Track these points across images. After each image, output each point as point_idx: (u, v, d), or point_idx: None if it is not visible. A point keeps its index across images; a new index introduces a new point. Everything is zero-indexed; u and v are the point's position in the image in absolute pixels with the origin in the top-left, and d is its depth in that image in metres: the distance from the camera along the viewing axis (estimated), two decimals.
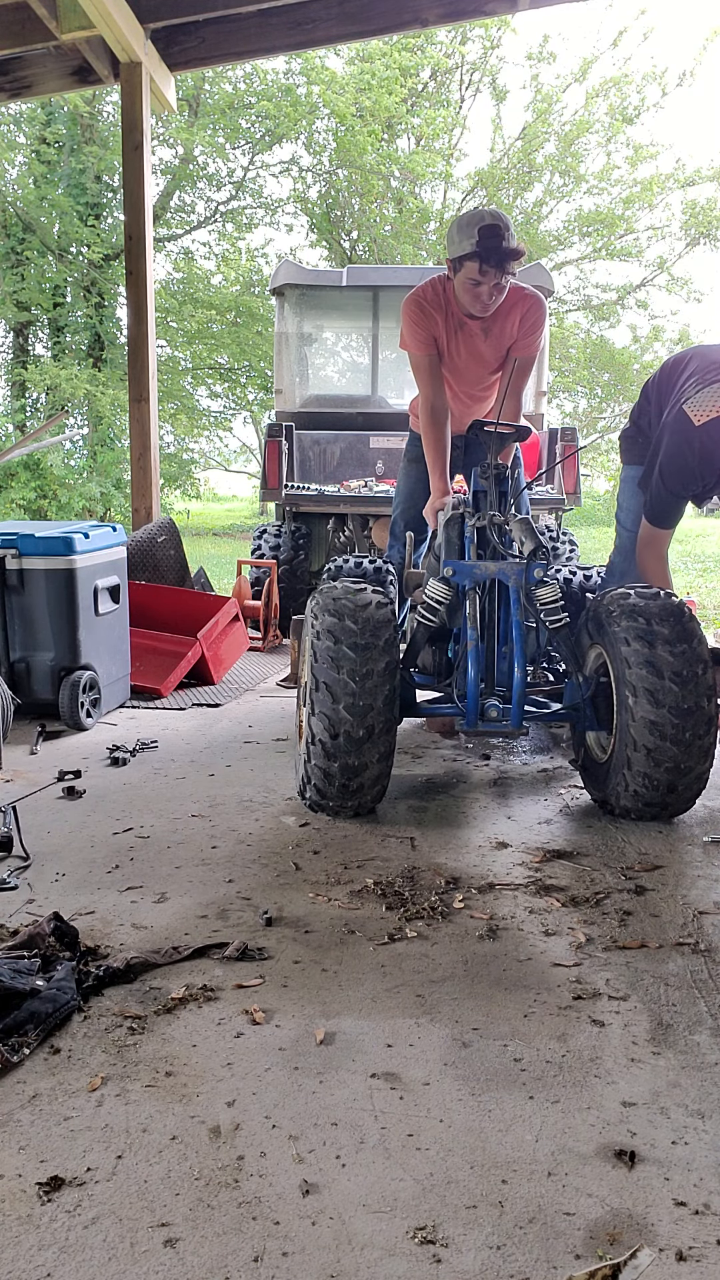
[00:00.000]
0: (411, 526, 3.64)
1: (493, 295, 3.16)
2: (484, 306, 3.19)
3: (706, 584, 8.13)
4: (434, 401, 3.38)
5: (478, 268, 3.06)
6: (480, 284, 3.12)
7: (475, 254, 3.04)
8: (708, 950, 1.85)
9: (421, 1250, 1.14)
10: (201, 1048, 1.53)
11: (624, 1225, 1.17)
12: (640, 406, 3.44)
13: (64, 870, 2.21)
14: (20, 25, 5.17)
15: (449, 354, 3.37)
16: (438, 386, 3.36)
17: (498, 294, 3.18)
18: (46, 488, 12.92)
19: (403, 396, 7.10)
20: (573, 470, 5.62)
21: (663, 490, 3.09)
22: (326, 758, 2.41)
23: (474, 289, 3.15)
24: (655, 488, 3.12)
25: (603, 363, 16.38)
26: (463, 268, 3.11)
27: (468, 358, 3.37)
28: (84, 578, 3.39)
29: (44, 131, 13.81)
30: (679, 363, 3.27)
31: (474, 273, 3.09)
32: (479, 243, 3.04)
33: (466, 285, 3.14)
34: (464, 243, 3.07)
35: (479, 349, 3.35)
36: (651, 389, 3.36)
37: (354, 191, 15.94)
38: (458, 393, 3.46)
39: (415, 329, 3.34)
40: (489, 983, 1.73)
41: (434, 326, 3.32)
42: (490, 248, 3.03)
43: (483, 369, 3.41)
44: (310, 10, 5.24)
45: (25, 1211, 1.20)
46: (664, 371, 3.33)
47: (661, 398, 3.27)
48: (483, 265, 3.05)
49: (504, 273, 3.11)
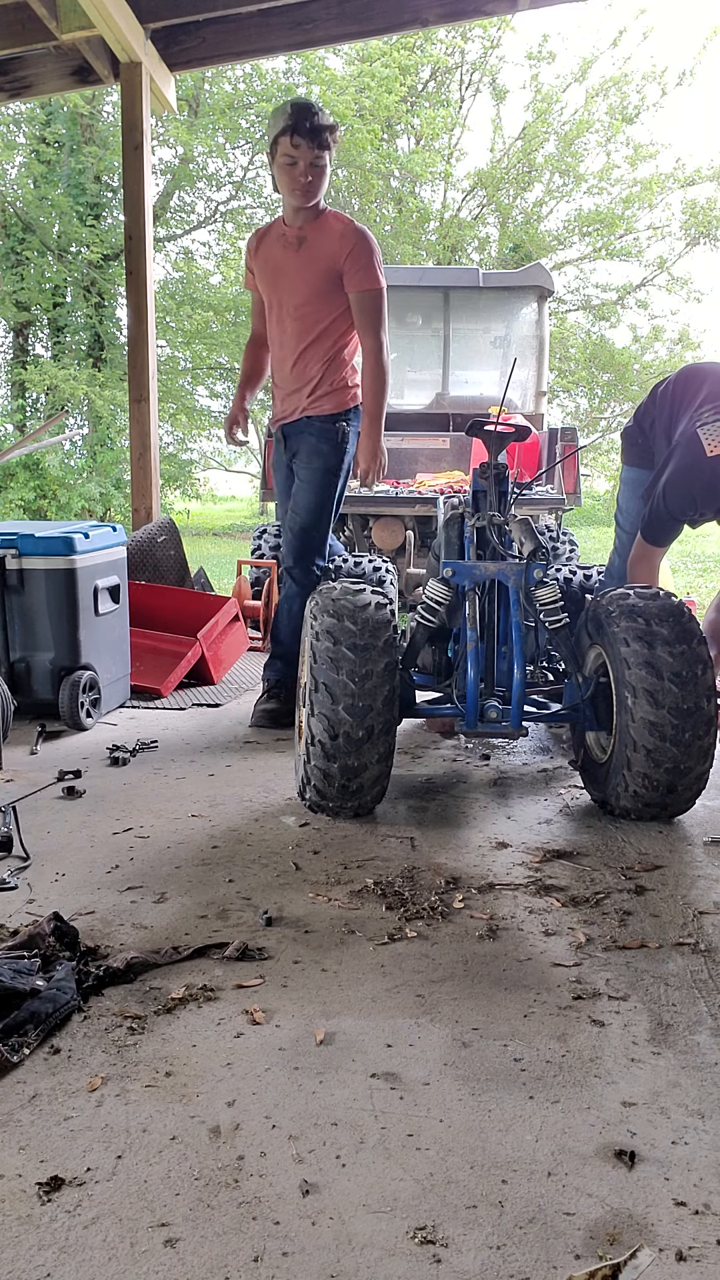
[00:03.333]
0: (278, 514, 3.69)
1: (308, 175, 3.17)
2: (302, 189, 3.19)
3: (707, 584, 8.13)
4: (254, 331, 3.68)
5: (289, 140, 3.10)
6: (295, 161, 3.14)
7: (288, 127, 3.10)
8: (708, 950, 1.86)
9: (421, 1250, 1.14)
10: (201, 1048, 1.53)
11: (624, 1225, 1.17)
12: (646, 407, 3.41)
13: (64, 870, 2.21)
14: (20, 25, 5.17)
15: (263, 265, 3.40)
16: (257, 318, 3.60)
17: (317, 175, 3.19)
18: (46, 488, 12.92)
19: (403, 396, 7.10)
20: (573, 470, 5.62)
21: (663, 509, 3.08)
22: (326, 758, 2.41)
23: (290, 169, 3.16)
24: (656, 505, 3.10)
25: (603, 363, 16.37)
26: (278, 147, 3.15)
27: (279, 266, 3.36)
28: (84, 578, 3.39)
29: (44, 131, 13.82)
30: (697, 377, 3.20)
31: (288, 147, 3.12)
32: (291, 115, 3.10)
33: (283, 167, 3.17)
34: (278, 121, 3.14)
35: (291, 260, 3.33)
36: (663, 396, 3.30)
37: (354, 191, 15.93)
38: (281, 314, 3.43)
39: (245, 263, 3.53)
40: (489, 983, 1.73)
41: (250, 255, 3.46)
42: (301, 118, 3.09)
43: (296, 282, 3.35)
44: (310, 10, 5.24)
45: (25, 1211, 1.20)
46: (680, 382, 3.26)
47: (674, 410, 3.21)
48: (294, 135, 3.09)
49: (319, 147, 3.14)
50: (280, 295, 3.38)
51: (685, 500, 3.03)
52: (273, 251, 3.39)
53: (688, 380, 3.24)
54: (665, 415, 3.27)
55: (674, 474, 3.03)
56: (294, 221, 3.33)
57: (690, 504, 3.04)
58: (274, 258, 3.38)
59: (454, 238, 16.23)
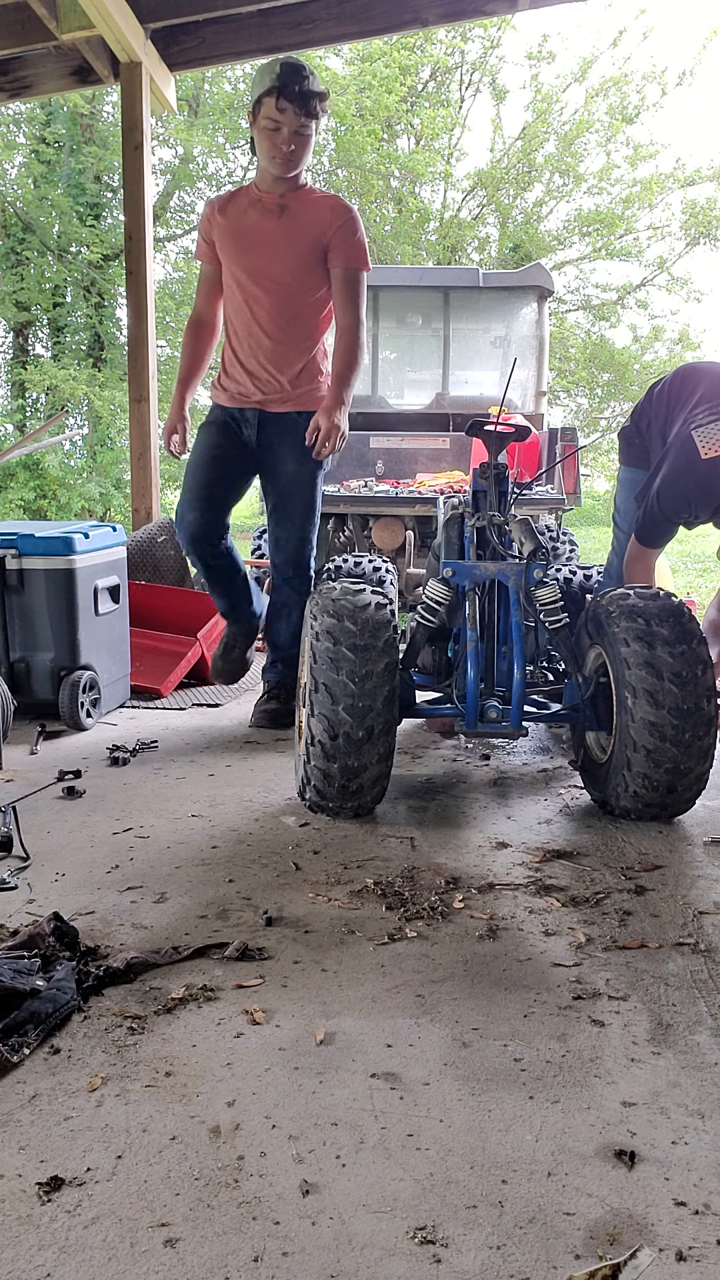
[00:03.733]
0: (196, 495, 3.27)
1: (291, 144, 2.96)
2: (284, 158, 2.98)
3: (706, 584, 8.13)
4: (197, 311, 3.33)
5: (275, 102, 2.88)
6: (279, 126, 2.92)
7: (274, 88, 2.87)
8: (708, 950, 1.86)
9: (421, 1250, 1.14)
10: (201, 1048, 1.53)
11: (624, 1225, 1.17)
12: (642, 407, 3.41)
13: (64, 870, 2.21)
14: (20, 25, 5.17)
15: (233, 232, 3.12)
16: (203, 297, 3.30)
17: (300, 145, 2.98)
18: (46, 488, 12.92)
19: (403, 396, 7.10)
20: (573, 470, 5.63)
21: (657, 511, 3.07)
22: (326, 759, 2.41)
23: (272, 135, 2.94)
24: (650, 508, 3.09)
25: (603, 363, 16.38)
26: (261, 108, 2.93)
27: (256, 233, 3.09)
28: (84, 578, 3.39)
29: (44, 131, 13.82)
30: (693, 378, 3.19)
31: (272, 110, 2.90)
32: (279, 76, 2.88)
33: (265, 132, 2.95)
34: (264, 79, 2.91)
35: (271, 228, 3.08)
36: (659, 396, 3.29)
37: (354, 191, 15.92)
38: (256, 287, 3.15)
39: (199, 232, 3.26)
40: (489, 983, 1.73)
41: (210, 222, 3.17)
42: (290, 80, 2.87)
43: (280, 251, 3.10)
44: (310, 10, 5.24)
45: (25, 1211, 1.20)
46: (675, 382, 3.25)
47: (670, 410, 3.20)
48: (280, 98, 2.87)
49: (306, 114, 2.93)
50: (255, 265, 3.12)
51: (680, 502, 3.03)
52: (246, 218, 3.12)
53: (683, 380, 3.23)
54: (661, 416, 3.26)
55: (668, 476, 3.02)
56: (272, 189, 3.11)
57: (685, 506, 3.03)
58: (249, 224, 3.11)
59: (454, 238, 16.24)
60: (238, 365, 3.25)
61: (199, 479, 3.28)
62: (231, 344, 3.27)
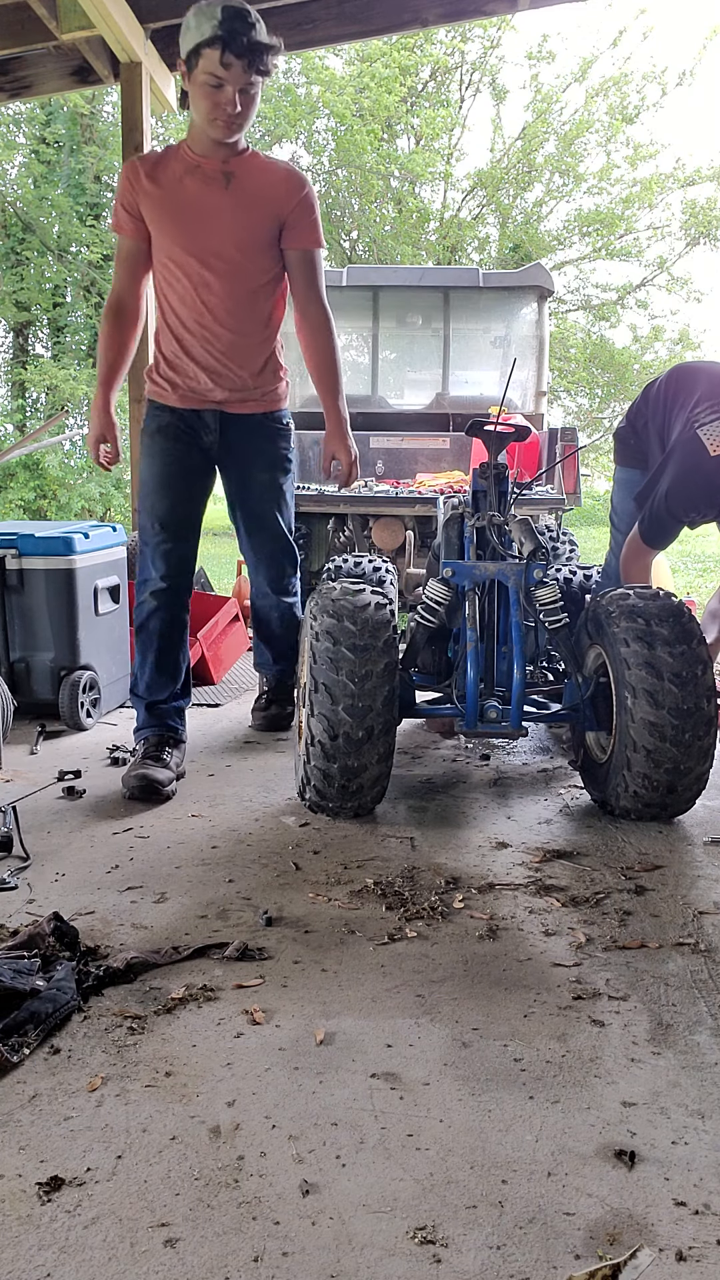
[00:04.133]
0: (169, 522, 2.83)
1: (237, 104, 2.53)
2: (227, 120, 2.55)
3: (706, 584, 8.13)
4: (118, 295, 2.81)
5: (218, 56, 2.43)
6: (222, 84, 2.49)
7: (217, 38, 2.42)
8: (708, 950, 1.86)
9: (421, 1250, 1.14)
10: (201, 1048, 1.53)
11: (624, 1225, 1.17)
12: (638, 407, 3.40)
13: (64, 870, 2.21)
14: (20, 25, 5.17)
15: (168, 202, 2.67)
16: (125, 278, 2.79)
17: (246, 106, 2.56)
18: (46, 488, 12.92)
19: (403, 396, 7.10)
20: (573, 470, 5.62)
21: (664, 511, 3.04)
22: (326, 759, 2.41)
23: (214, 93, 2.50)
24: (656, 508, 3.05)
25: (603, 363, 16.39)
26: (200, 60, 2.47)
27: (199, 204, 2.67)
28: (84, 578, 3.39)
29: (44, 131, 13.82)
30: (690, 376, 3.17)
31: (214, 64, 2.45)
32: (221, 24, 2.42)
33: (204, 89, 2.50)
34: (203, 25, 2.44)
35: (216, 200, 2.67)
36: (656, 395, 3.27)
37: (354, 191, 15.94)
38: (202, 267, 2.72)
39: (118, 201, 2.75)
40: (489, 983, 1.73)
41: (133, 192, 2.69)
42: (236, 30, 2.42)
43: (230, 226, 2.69)
44: (310, 10, 5.24)
45: (25, 1211, 1.20)
46: (672, 381, 3.23)
47: (667, 409, 3.19)
48: (225, 52, 2.42)
49: (254, 71, 2.50)
50: (202, 243, 2.69)
51: (688, 502, 3.01)
52: (184, 187, 2.68)
53: (680, 379, 3.21)
54: (658, 416, 3.24)
55: (677, 475, 3.00)
56: (212, 154, 2.68)
57: (693, 506, 3.02)
58: (188, 195, 2.68)
59: (454, 238, 16.24)
60: (187, 359, 2.81)
61: (168, 498, 2.84)
62: (175, 335, 2.82)
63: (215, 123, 2.58)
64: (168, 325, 2.83)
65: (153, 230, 2.74)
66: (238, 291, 2.75)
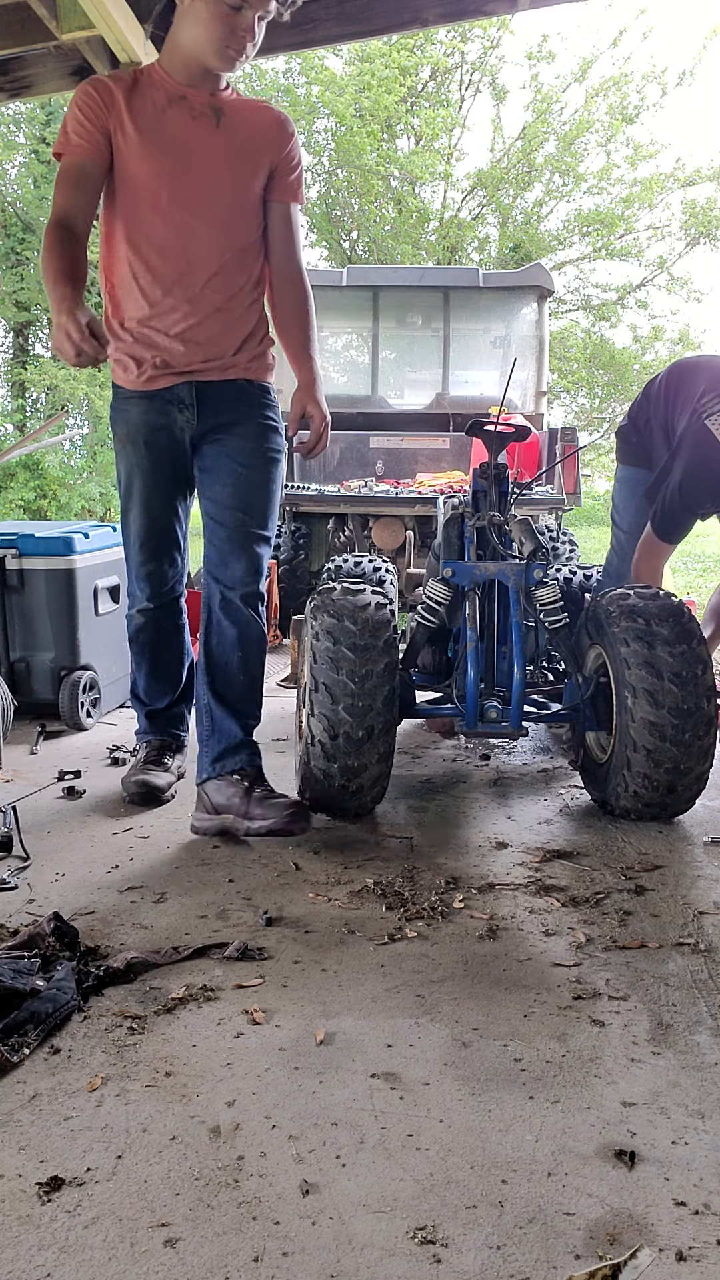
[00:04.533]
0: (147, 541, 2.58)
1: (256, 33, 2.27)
2: (238, 48, 2.26)
3: (706, 584, 8.13)
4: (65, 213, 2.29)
5: None
6: (240, 8, 2.19)
7: None
8: (708, 950, 1.86)
9: (421, 1250, 1.14)
10: (201, 1048, 1.53)
11: (624, 1225, 1.17)
12: (640, 405, 3.39)
13: (64, 870, 2.21)
14: (20, 25, 5.17)
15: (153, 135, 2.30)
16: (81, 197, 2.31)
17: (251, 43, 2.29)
18: (46, 488, 12.93)
19: (403, 396, 7.11)
20: (573, 470, 5.63)
21: (678, 504, 3.02)
22: (326, 759, 2.41)
23: (232, 16, 2.20)
24: (670, 501, 3.04)
25: (603, 363, 16.40)
26: None
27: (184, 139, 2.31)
28: (84, 578, 3.39)
29: (44, 131, 13.83)
30: (691, 371, 3.17)
31: None
32: None
33: (221, 10, 2.20)
34: None
35: (206, 137, 2.32)
36: (657, 392, 3.27)
37: (354, 192, 15.94)
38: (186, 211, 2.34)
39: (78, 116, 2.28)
40: (489, 983, 1.73)
41: (105, 112, 2.28)
42: None
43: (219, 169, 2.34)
44: (310, 10, 5.23)
45: (25, 1211, 1.20)
46: (673, 377, 3.23)
47: (670, 405, 3.18)
48: None
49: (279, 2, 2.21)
50: (190, 186, 2.32)
51: (701, 493, 3.00)
52: (169, 119, 2.31)
53: (681, 374, 3.21)
54: (661, 412, 3.24)
55: (690, 467, 2.99)
56: (200, 85, 2.34)
57: (707, 496, 3.01)
58: (174, 128, 2.31)
59: (454, 238, 16.25)
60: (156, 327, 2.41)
61: (145, 517, 2.56)
62: (146, 296, 2.41)
63: (226, 51, 2.26)
64: (137, 284, 2.41)
65: (129, 166, 2.31)
66: (221, 241, 2.36)
